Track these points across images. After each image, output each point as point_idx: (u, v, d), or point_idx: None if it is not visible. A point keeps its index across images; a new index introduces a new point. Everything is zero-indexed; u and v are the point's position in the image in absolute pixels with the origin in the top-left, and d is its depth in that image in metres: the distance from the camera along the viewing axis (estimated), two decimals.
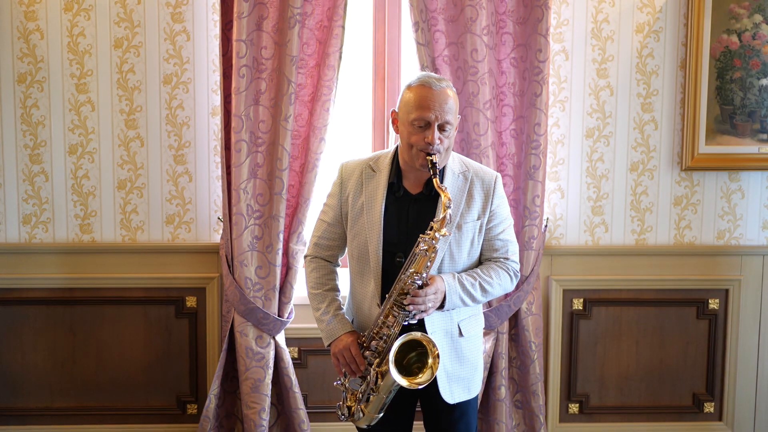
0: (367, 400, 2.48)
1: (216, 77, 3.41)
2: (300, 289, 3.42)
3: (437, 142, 2.36)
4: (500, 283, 2.51)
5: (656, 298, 3.59)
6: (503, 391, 3.42)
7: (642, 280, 3.57)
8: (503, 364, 3.42)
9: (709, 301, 3.60)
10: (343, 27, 3.26)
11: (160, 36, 3.41)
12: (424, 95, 2.38)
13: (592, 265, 3.56)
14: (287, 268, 3.39)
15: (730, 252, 3.58)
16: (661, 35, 3.48)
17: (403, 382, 2.35)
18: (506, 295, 3.39)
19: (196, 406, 3.58)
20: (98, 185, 3.48)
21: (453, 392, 2.52)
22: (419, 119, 2.37)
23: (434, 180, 2.35)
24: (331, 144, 3.36)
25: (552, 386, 3.59)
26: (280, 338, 3.42)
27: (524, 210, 3.35)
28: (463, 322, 2.53)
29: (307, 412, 3.44)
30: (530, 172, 3.33)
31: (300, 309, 3.46)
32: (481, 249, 2.55)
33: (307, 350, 3.54)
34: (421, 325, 2.45)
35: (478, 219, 2.49)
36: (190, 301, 3.53)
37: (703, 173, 3.55)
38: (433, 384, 2.45)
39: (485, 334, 3.42)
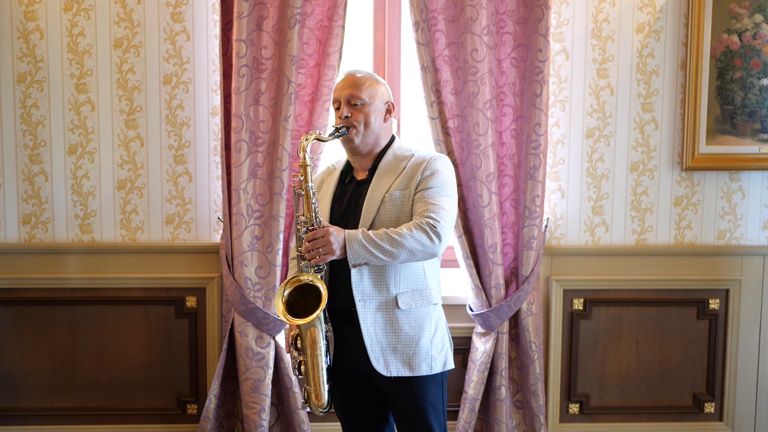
0: (300, 369, 2.60)
1: (216, 77, 3.41)
2: None
3: (346, 113, 2.61)
4: (411, 234, 2.47)
5: (656, 298, 3.59)
6: (503, 391, 3.42)
7: (642, 280, 3.57)
8: (503, 364, 3.41)
9: (710, 301, 3.60)
10: (343, 27, 3.26)
11: (160, 36, 3.41)
12: (337, 83, 2.72)
13: (592, 265, 3.56)
14: (287, 269, 3.38)
15: (731, 252, 3.58)
16: (662, 35, 3.48)
17: (295, 320, 2.46)
18: (506, 295, 3.39)
19: (196, 406, 3.58)
20: (98, 185, 3.48)
21: (388, 364, 2.55)
22: (333, 102, 2.69)
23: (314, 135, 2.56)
24: (331, 144, 3.35)
25: (552, 386, 3.59)
26: (280, 338, 3.42)
27: (524, 210, 3.35)
28: (402, 294, 2.57)
29: (307, 413, 3.44)
30: (530, 172, 3.32)
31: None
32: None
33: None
34: (349, 294, 2.54)
35: (404, 189, 2.59)
36: (190, 301, 3.53)
37: (704, 173, 3.55)
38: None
39: (485, 334, 3.42)
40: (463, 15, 3.25)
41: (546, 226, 3.48)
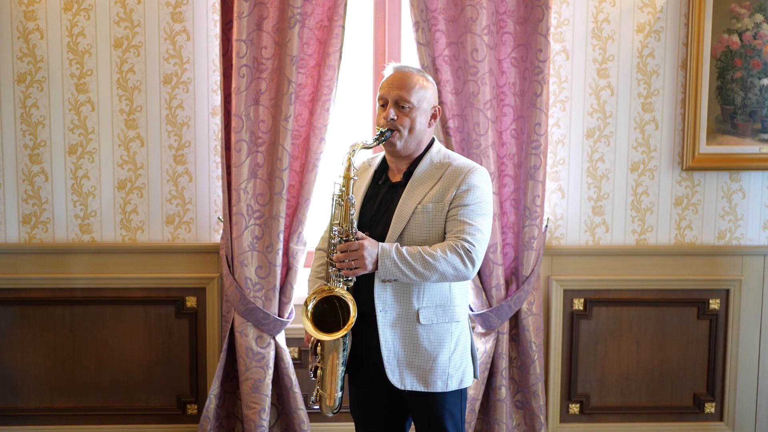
0: (315, 373, 2.58)
1: (216, 77, 3.41)
2: (300, 289, 3.42)
3: (392, 116, 2.49)
4: (446, 258, 2.41)
5: (657, 298, 3.59)
6: (503, 391, 3.42)
7: (642, 280, 3.57)
8: (504, 364, 3.41)
9: (710, 301, 3.60)
10: (344, 27, 3.25)
11: (160, 36, 3.41)
12: (386, 79, 2.56)
13: (592, 265, 3.56)
14: (287, 268, 3.38)
15: (731, 252, 3.57)
16: (662, 35, 3.48)
17: (321, 335, 2.46)
18: (506, 295, 3.39)
19: (196, 407, 3.58)
20: (98, 185, 3.47)
21: (403, 378, 2.50)
22: (380, 99, 2.55)
23: (366, 143, 2.49)
24: (331, 144, 3.36)
25: (552, 386, 3.59)
26: (281, 338, 3.42)
27: (525, 210, 3.35)
28: (424, 309, 2.50)
29: (308, 413, 3.43)
30: (531, 172, 3.32)
31: (300, 309, 3.46)
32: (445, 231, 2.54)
33: (307, 350, 3.53)
34: (371, 299, 2.48)
35: (437, 202, 2.50)
36: (190, 301, 3.53)
37: (704, 173, 3.55)
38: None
39: (485, 335, 3.42)
40: (463, 15, 3.25)
41: (546, 226, 3.48)
